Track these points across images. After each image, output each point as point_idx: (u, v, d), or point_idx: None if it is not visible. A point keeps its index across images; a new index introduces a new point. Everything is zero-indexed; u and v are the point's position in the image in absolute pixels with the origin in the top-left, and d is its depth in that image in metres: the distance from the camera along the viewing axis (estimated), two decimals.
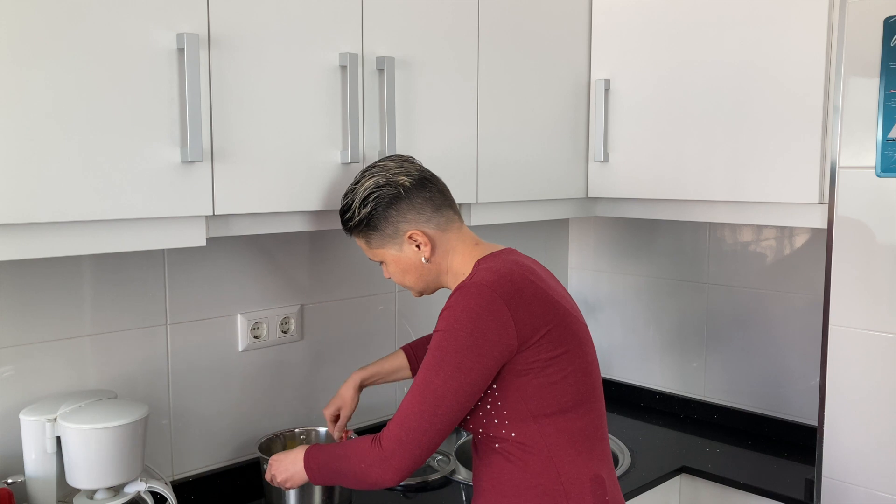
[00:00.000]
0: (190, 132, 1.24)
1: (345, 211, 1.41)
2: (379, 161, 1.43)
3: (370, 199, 1.37)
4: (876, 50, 1.53)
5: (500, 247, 1.43)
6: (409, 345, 1.69)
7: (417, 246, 1.38)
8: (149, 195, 1.23)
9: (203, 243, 1.33)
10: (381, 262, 1.44)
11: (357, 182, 1.40)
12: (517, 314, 1.25)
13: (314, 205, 1.47)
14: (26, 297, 1.45)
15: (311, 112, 1.44)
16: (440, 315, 1.28)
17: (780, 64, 1.73)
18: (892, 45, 1.52)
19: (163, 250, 1.62)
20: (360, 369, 1.67)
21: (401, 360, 1.67)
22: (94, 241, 1.19)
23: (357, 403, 1.66)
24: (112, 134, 1.18)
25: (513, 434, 1.29)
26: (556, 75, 1.97)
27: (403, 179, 1.38)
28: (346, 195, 1.42)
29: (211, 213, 1.32)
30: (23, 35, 1.08)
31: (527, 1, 1.85)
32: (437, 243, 1.39)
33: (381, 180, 1.37)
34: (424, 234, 1.38)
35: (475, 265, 1.36)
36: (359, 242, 1.43)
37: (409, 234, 1.38)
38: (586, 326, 1.38)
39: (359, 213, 1.38)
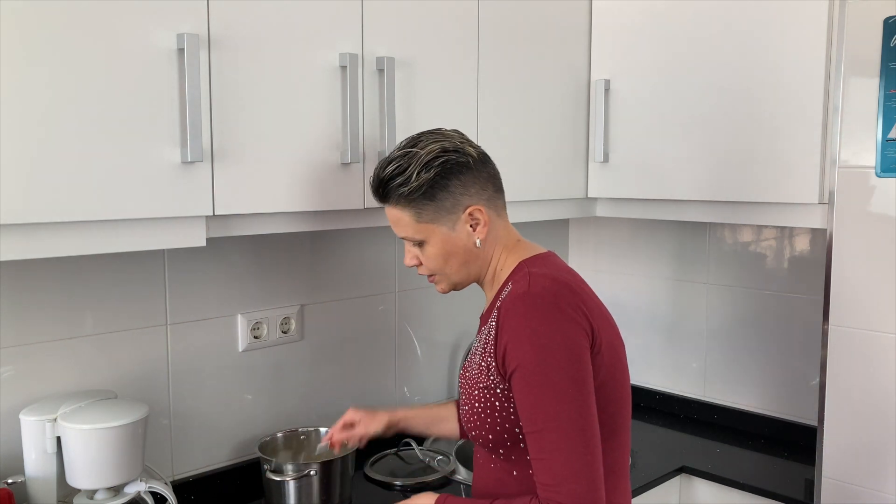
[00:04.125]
0: (190, 132, 1.24)
1: (394, 176, 1.22)
2: (431, 130, 1.27)
3: (435, 163, 1.20)
4: (876, 50, 1.53)
5: (542, 249, 1.31)
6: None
7: (472, 226, 1.24)
8: (149, 195, 1.23)
9: (203, 243, 1.33)
10: (418, 244, 1.26)
11: (413, 145, 1.23)
12: (591, 323, 1.16)
13: (314, 205, 1.47)
14: (26, 297, 1.45)
15: (311, 112, 1.44)
16: (509, 335, 1.14)
17: (780, 64, 1.73)
18: (892, 45, 1.52)
19: (163, 250, 1.62)
20: (402, 409, 1.55)
21: (449, 411, 1.50)
22: (94, 241, 1.20)
23: (374, 434, 1.52)
24: (112, 134, 1.18)
25: None
26: (556, 75, 1.97)
27: (471, 150, 1.24)
28: (393, 160, 1.23)
29: (211, 214, 1.32)
30: (23, 35, 1.08)
31: (527, 1, 1.85)
32: (490, 228, 1.26)
33: (448, 146, 1.22)
34: (485, 213, 1.24)
35: (520, 266, 1.24)
36: (399, 215, 1.24)
37: (469, 210, 1.23)
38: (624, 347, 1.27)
39: (417, 178, 1.20)
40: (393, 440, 2.01)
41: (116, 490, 1.41)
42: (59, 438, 1.36)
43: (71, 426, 1.33)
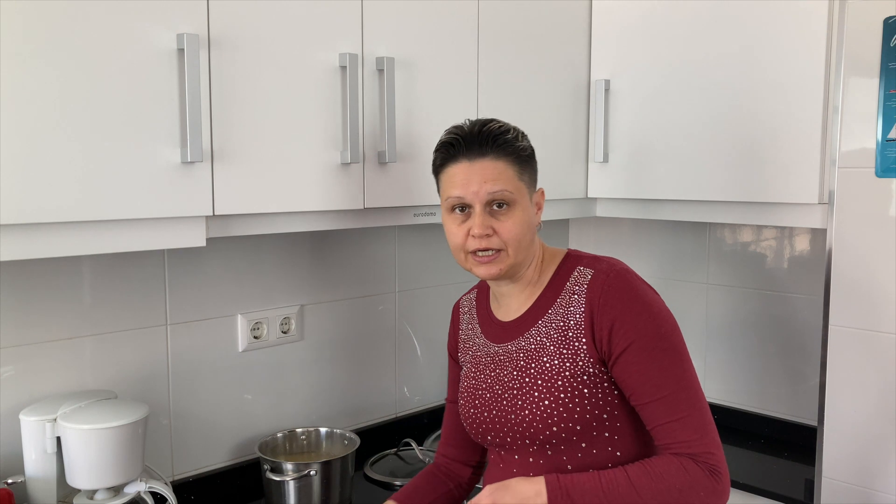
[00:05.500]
0: (190, 132, 1.24)
1: (502, 131, 1.23)
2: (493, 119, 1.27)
3: (528, 139, 1.27)
4: (876, 50, 1.53)
5: None
6: (399, 495, 1.43)
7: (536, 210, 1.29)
8: (149, 195, 1.23)
9: (203, 243, 1.33)
10: (502, 206, 1.22)
11: (497, 120, 1.25)
12: None
13: (314, 205, 1.47)
14: (26, 297, 1.45)
15: (311, 112, 1.44)
16: (616, 312, 1.17)
17: (780, 64, 1.73)
18: (892, 45, 1.52)
19: (163, 250, 1.62)
20: None
21: (426, 481, 1.44)
22: (95, 241, 1.20)
23: None
24: (112, 134, 1.18)
25: (618, 454, 1.22)
26: (556, 75, 1.96)
27: None
28: (490, 121, 1.24)
29: (211, 214, 1.32)
30: (23, 35, 1.08)
31: (527, 1, 1.85)
32: None
33: (522, 131, 1.27)
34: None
35: (571, 257, 1.29)
36: (502, 167, 1.22)
37: (541, 189, 1.29)
38: None
39: (522, 140, 1.25)
40: (392, 440, 2.01)
41: (116, 490, 1.41)
42: (59, 438, 1.36)
43: (71, 426, 1.33)
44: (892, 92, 1.52)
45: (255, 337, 1.79)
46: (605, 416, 1.20)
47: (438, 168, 1.28)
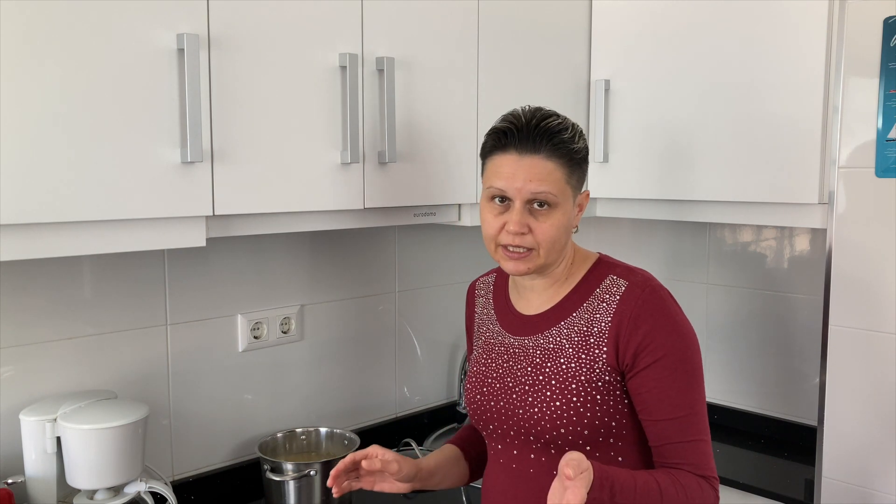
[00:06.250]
0: (190, 132, 1.24)
1: (561, 129, 1.20)
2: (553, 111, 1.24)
3: (584, 137, 1.24)
4: (876, 50, 1.53)
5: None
6: (456, 438, 1.45)
7: (577, 211, 1.26)
8: (149, 195, 1.23)
9: (203, 243, 1.32)
10: (543, 205, 1.19)
11: (557, 115, 1.22)
12: None
13: (314, 205, 1.47)
14: (26, 297, 1.45)
15: (311, 112, 1.44)
16: (650, 325, 1.17)
17: (779, 64, 1.73)
18: (891, 45, 1.52)
19: (163, 250, 1.62)
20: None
21: (454, 452, 1.41)
22: (94, 241, 1.20)
23: (404, 479, 1.27)
24: (112, 134, 1.18)
25: (619, 459, 1.22)
26: (556, 75, 1.96)
27: None
28: (550, 115, 1.21)
29: (211, 214, 1.32)
30: (23, 35, 1.08)
31: (527, 1, 1.85)
32: None
33: (580, 129, 1.24)
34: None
35: (604, 263, 1.28)
36: (551, 167, 1.18)
37: (587, 192, 1.26)
38: None
39: (579, 141, 1.22)
40: (393, 440, 2.01)
41: (116, 490, 1.41)
42: (59, 438, 1.36)
43: (71, 426, 1.33)
44: (892, 92, 1.52)
45: (255, 337, 1.79)
46: (612, 423, 1.21)
47: (487, 153, 1.25)
